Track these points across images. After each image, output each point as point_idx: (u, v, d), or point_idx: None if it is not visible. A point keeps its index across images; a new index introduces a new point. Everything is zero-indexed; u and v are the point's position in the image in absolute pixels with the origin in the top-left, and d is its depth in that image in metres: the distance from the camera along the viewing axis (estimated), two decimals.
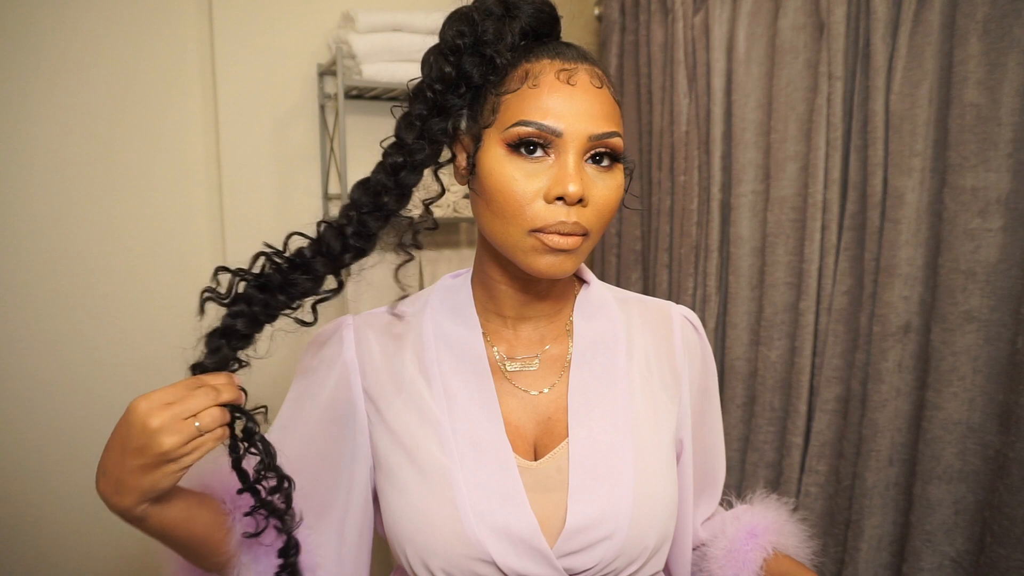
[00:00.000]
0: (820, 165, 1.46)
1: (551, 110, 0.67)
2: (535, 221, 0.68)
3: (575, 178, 0.66)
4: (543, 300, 0.80)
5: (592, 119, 0.68)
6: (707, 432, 0.90)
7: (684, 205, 1.79)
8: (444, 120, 0.69)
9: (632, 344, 0.82)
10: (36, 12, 1.72)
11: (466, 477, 0.71)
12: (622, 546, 0.70)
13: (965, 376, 1.24)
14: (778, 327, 1.58)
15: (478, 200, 0.72)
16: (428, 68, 0.70)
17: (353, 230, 0.68)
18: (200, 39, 1.89)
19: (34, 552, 1.84)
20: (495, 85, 0.70)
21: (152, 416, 0.62)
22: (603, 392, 0.77)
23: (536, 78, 0.69)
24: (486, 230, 0.72)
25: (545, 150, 0.68)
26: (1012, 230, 1.19)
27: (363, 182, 0.69)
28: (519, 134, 0.67)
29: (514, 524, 0.69)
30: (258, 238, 0.76)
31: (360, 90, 1.94)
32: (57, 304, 1.82)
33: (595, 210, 0.69)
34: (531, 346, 0.80)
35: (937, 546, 1.28)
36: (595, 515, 0.70)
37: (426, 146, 0.68)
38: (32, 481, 1.82)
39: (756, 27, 1.60)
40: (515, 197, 0.67)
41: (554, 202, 0.67)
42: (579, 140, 0.68)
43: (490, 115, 0.70)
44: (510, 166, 0.68)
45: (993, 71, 1.19)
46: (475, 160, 0.71)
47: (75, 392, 1.85)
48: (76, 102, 1.78)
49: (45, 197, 1.78)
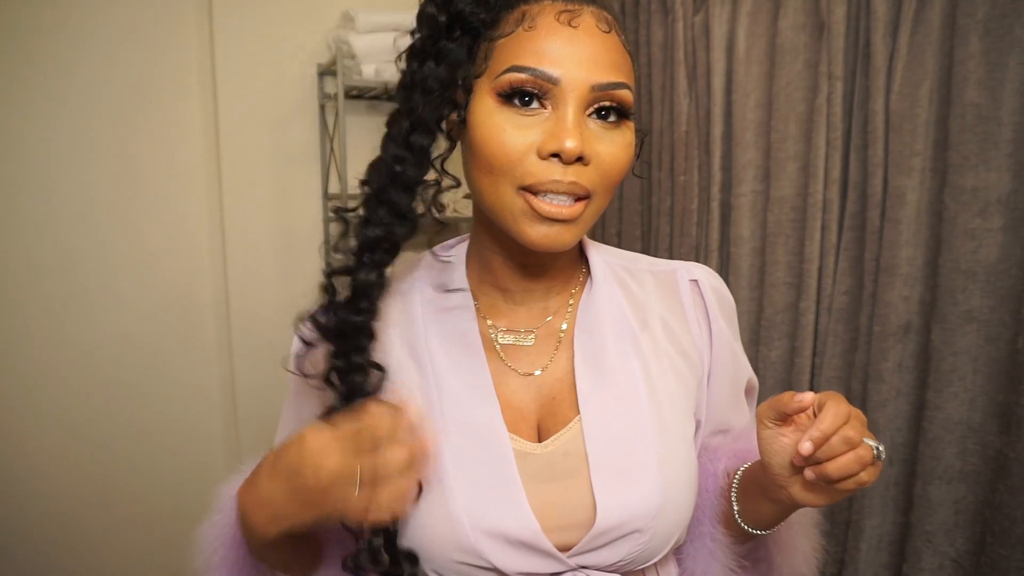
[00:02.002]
0: (820, 165, 1.46)
1: (547, 54, 0.59)
2: (525, 177, 0.60)
3: (573, 132, 0.58)
4: (544, 274, 0.71)
5: (596, 67, 0.60)
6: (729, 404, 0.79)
7: (684, 205, 1.79)
8: (438, 67, 0.62)
9: (646, 315, 0.73)
10: (36, 13, 1.72)
11: (457, 471, 0.64)
12: (647, 542, 0.64)
13: (965, 376, 1.24)
14: (778, 327, 1.58)
15: (469, 158, 0.64)
16: (420, 17, 0.64)
17: (384, 214, 0.62)
18: (200, 39, 1.89)
19: (35, 552, 1.84)
20: (488, 29, 0.63)
21: (327, 457, 0.55)
22: (614, 368, 0.69)
23: (533, 20, 0.61)
24: (475, 192, 0.65)
25: (541, 101, 0.60)
26: (1012, 230, 1.19)
27: (374, 162, 0.64)
28: (510, 81, 0.60)
29: (511, 526, 0.63)
30: (258, 238, 0.74)
31: (360, 90, 1.94)
32: (57, 304, 1.82)
33: (599, 170, 0.61)
34: (531, 320, 0.73)
35: (937, 546, 1.28)
36: (624, 512, 0.63)
37: (427, 100, 0.61)
38: (32, 481, 1.82)
39: (756, 27, 1.60)
40: (503, 150, 0.60)
41: (548, 158, 0.59)
42: (580, 90, 0.59)
43: (482, 62, 0.62)
44: (500, 117, 0.60)
45: (993, 71, 1.19)
46: (465, 113, 0.63)
47: (75, 391, 1.84)
48: (76, 102, 1.78)
49: (45, 197, 1.78)
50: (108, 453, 1.88)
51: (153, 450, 1.93)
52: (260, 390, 1.99)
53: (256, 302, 1.98)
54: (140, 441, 1.92)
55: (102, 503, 1.88)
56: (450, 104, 0.63)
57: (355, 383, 0.62)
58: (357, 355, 0.62)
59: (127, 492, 1.91)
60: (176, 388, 1.95)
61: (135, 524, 1.92)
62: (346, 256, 0.64)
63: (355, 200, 0.68)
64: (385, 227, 0.62)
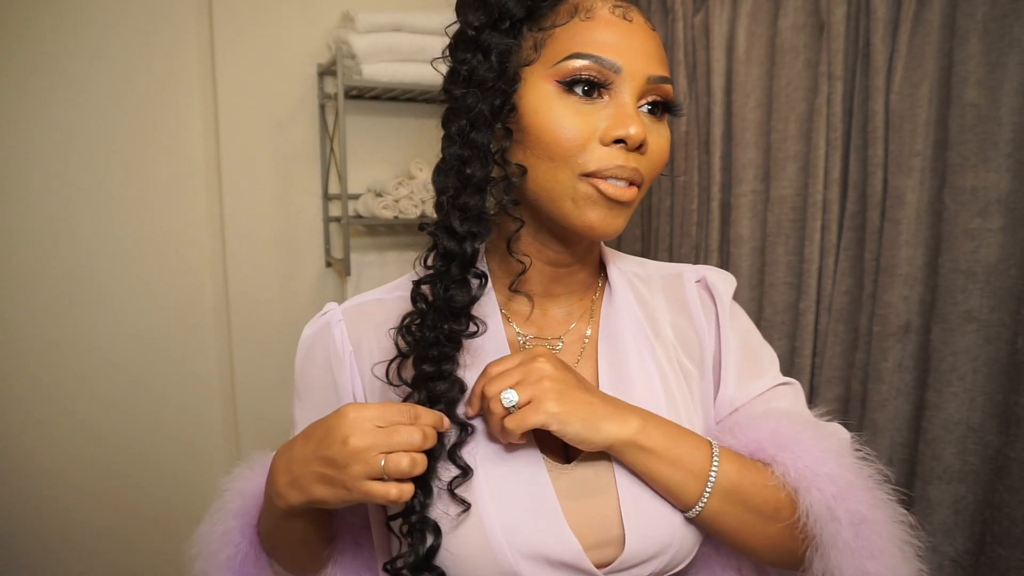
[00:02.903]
0: (820, 165, 1.46)
1: (608, 44, 0.61)
2: (588, 164, 0.60)
3: (637, 119, 0.60)
4: (575, 274, 0.72)
5: (649, 59, 0.62)
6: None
7: (684, 205, 1.79)
8: (487, 60, 0.62)
9: (657, 322, 0.74)
10: (36, 12, 1.72)
11: (492, 490, 0.63)
12: (672, 557, 0.64)
13: (965, 376, 1.24)
14: (778, 327, 1.58)
15: (521, 146, 0.63)
16: (463, 8, 0.64)
17: (458, 218, 0.62)
18: (200, 39, 1.89)
19: (34, 551, 1.84)
20: (535, 21, 0.64)
21: (355, 434, 0.57)
22: (635, 377, 0.69)
23: (589, 11, 0.62)
24: (526, 181, 0.64)
25: (600, 91, 0.61)
26: (1012, 230, 1.19)
27: (439, 166, 0.64)
28: (573, 68, 0.60)
29: (552, 547, 0.61)
30: (258, 238, 0.74)
31: (360, 90, 1.94)
32: (57, 304, 1.82)
33: (651, 160, 0.63)
34: (558, 326, 0.72)
35: (937, 546, 1.28)
36: (652, 535, 0.63)
37: (482, 94, 0.61)
38: (32, 481, 1.82)
39: (756, 27, 1.60)
40: (566, 136, 0.60)
41: (611, 145, 0.61)
42: (638, 80, 0.61)
43: (531, 52, 0.63)
44: (560, 104, 0.61)
45: (993, 71, 1.19)
46: (512, 103, 0.63)
47: (75, 391, 1.85)
48: (76, 102, 1.78)
49: (45, 197, 1.78)
50: (109, 450, 1.88)
51: (154, 447, 1.94)
52: (260, 388, 1.99)
53: (256, 302, 1.98)
54: (141, 439, 1.92)
55: (105, 499, 1.88)
56: (501, 95, 0.63)
57: (438, 391, 0.62)
58: (448, 364, 0.62)
59: (128, 488, 1.91)
60: (176, 387, 1.95)
61: (137, 518, 1.92)
62: (435, 265, 0.64)
63: (354, 200, 0.67)
64: (473, 238, 0.62)
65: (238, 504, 0.72)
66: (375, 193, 1.98)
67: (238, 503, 0.72)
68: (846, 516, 0.62)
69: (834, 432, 0.70)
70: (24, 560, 1.81)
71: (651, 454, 0.62)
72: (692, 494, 0.63)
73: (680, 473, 0.62)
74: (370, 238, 2.13)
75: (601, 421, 0.61)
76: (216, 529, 0.71)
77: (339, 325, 0.72)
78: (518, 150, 0.64)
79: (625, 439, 0.61)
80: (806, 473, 0.63)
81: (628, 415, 0.63)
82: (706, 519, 0.64)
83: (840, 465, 0.64)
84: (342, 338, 0.71)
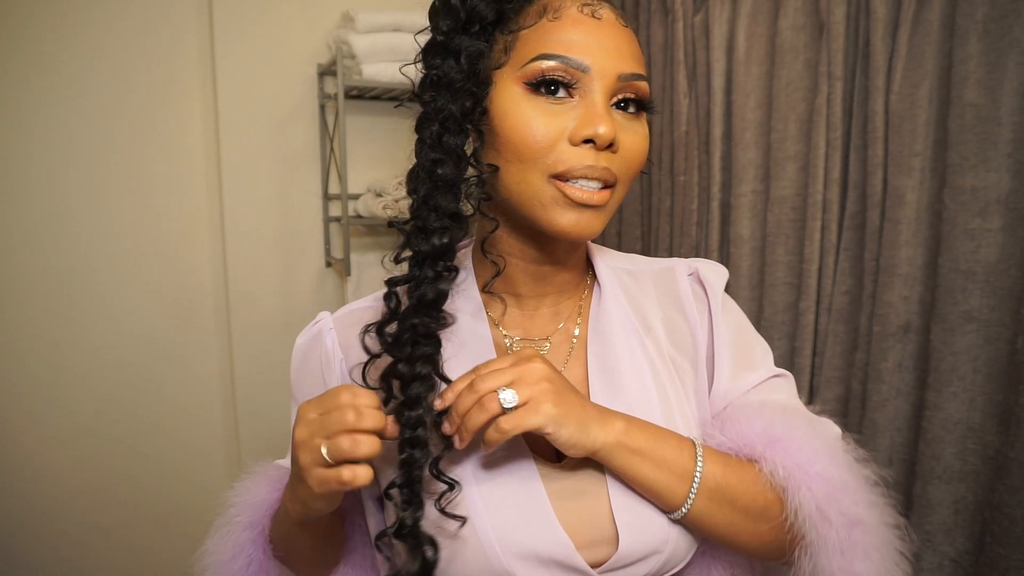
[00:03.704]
0: (820, 165, 1.46)
1: (575, 43, 0.60)
2: (557, 165, 0.60)
3: (605, 118, 0.60)
4: (560, 273, 0.71)
5: (620, 57, 0.62)
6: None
7: (684, 205, 1.79)
8: (458, 64, 0.62)
9: (648, 319, 0.73)
10: (36, 12, 1.72)
11: (483, 493, 0.62)
12: (668, 557, 0.64)
13: (965, 376, 1.24)
14: (778, 327, 1.58)
15: (491, 149, 0.64)
16: (434, 14, 0.64)
17: (432, 218, 0.61)
18: (200, 39, 1.89)
19: (34, 551, 1.84)
20: (505, 23, 0.64)
21: (297, 428, 0.56)
22: (626, 376, 0.69)
23: (557, 11, 0.62)
24: (499, 183, 0.64)
25: (568, 90, 0.61)
26: (1012, 230, 1.19)
27: (413, 169, 0.64)
28: (540, 69, 0.60)
29: (544, 547, 0.61)
30: (258, 238, 0.74)
31: (360, 90, 1.94)
32: (57, 303, 1.82)
33: (624, 159, 0.62)
34: (545, 326, 0.72)
35: (937, 546, 1.28)
36: (645, 533, 0.63)
37: (453, 98, 0.61)
38: (32, 480, 1.82)
39: (756, 27, 1.60)
40: (535, 137, 0.60)
41: (580, 145, 0.60)
42: (607, 78, 0.61)
43: (501, 55, 0.63)
44: (528, 105, 0.61)
45: (993, 71, 1.19)
46: (484, 106, 0.63)
47: (75, 391, 1.85)
48: (76, 102, 1.78)
49: (45, 197, 1.78)
50: (109, 450, 1.88)
51: (154, 447, 1.94)
52: (260, 387, 1.99)
53: (256, 302, 1.98)
54: (140, 438, 1.92)
55: (105, 498, 1.88)
56: (471, 97, 0.63)
57: (417, 393, 0.60)
58: (423, 365, 0.60)
59: (128, 487, 1.91)
60: (176, 386, 1.95)
61: (137, 518, 1.92)
62: (411, 266, 0.63)
63: (354, 200, 0.67)
64: (442, 233, 0.61)
65: (247, 517, 0.73)
66: (375, 193, 1.98)
67: (247, 516, 0.73)
68: (838, 518, 0.61)
69: (827, 427, 0.70)
70: (24, 560, 1.81)
71: (636, 455, 0.61)
72: (678, 495, 0.62)
73: (665, 474, 0.62)
74: (370, 238, 2.13)
75: (590, 424, 0.60)
76: (227, 541, 0.72)
77: (330, 333, 0.73)
78: (491, 152, 0.64)
79: (612, 442, 0.61)
80: (796, 471, 0.63)
81: (612, 418, 0.62)
82: (694, 519, 0.63)
83: (833, 464, 0.64)
84: (333, 345, 0.73)
